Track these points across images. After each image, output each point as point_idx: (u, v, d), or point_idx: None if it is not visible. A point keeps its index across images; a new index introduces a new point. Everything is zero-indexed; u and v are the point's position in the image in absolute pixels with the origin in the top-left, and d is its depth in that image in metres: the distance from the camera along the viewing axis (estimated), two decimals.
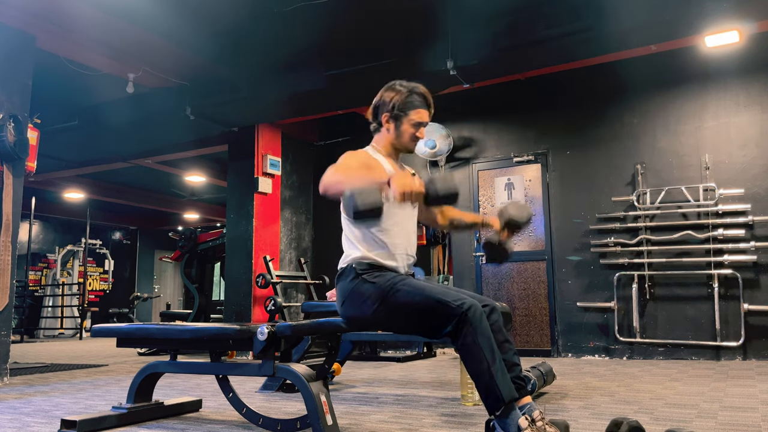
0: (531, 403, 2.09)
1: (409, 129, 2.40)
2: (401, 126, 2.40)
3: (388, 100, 2.40)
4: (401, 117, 2.39)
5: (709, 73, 5.50)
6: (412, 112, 2.38)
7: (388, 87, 2.45)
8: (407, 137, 2.41)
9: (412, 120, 2.39)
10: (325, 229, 7.44)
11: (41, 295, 12.92)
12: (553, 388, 3.76)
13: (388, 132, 2.44)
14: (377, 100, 2.46)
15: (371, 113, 2.49)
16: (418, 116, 2.39)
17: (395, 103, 2.38)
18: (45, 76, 5.76)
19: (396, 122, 2.40)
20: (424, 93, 2.42)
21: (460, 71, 5.01)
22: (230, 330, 2.61)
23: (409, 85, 2.41)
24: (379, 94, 2.46)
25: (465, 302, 2.08)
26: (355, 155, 2.38)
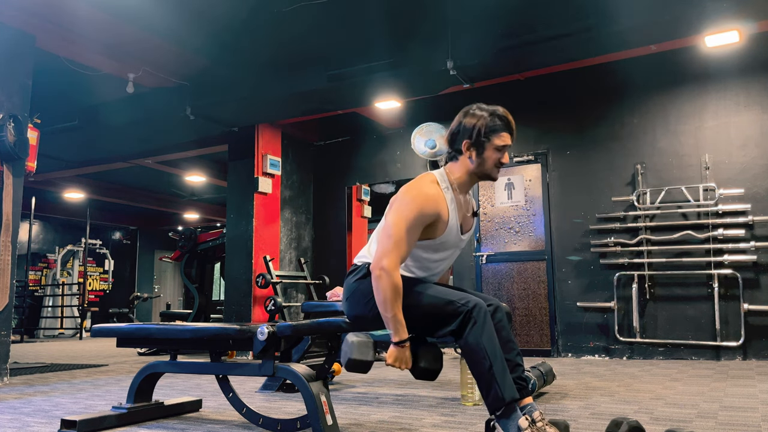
0: (532, 404, 2.09)
1: (493, 155, 2.27)
2: (484, 153, 2.27)
3: (469, 126, 2.27)
4: (485, 143, 2.26)
5: (709, 73, 5.50)
6: (495, 136, 2.26)
7: (466, 112, 2.31)
8: (491, 164, 2.29)
9: (495, 145, 2.26)
10: (325, 229, 7.44)
11: (41, 295, 12.92)
12: (553, 388, 3.76)
13: (469, 160, 2.29)
14: (455, 126, 2.31)
15: (447, 140, 2.35)
16: (502, 141, 2.27)
17: (479, 129, 2.25)
18: (45, 76, 5.75)
19: (478, 149, 2.27)
20: (505, 115, 2.30)
21: (460, 71, 5.01)
22: (230, 330, 2.61)
23: (489, 109, 2.29)
24: (457, 120, 2.32)
25: (470, 301, 2.08)
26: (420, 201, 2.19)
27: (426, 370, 2.21)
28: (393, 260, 2.14)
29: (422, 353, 2.22)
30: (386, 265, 2.13)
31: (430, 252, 2.30)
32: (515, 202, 6.29)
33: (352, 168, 7.28)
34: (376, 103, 5.97)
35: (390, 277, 2.12)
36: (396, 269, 2.14)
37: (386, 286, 2.12)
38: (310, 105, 6.17)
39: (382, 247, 2.17)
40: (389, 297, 2.12)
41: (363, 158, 7.21)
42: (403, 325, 2.16)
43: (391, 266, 2.13)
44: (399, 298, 2.14)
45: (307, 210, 7.48)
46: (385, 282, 2.12)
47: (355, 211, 7.64)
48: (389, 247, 2.15)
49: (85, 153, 8.34)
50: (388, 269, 2.12)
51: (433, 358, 2.23)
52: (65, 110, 7.05)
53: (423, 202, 2.20)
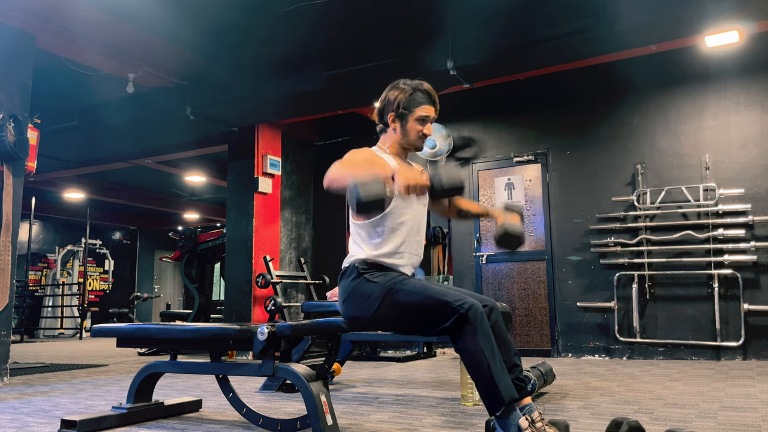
0: (531, 404, 2.09)
1: (416, 126, 2.39)
2: (407, 123, 2.39)
3: (392, 99, 2.40)
4: (406, 114, 2.38)
5: (709, 73, 5.50)
6: (417, 108, 2.38)
7: (392, 86, 2.45)
8: (414, 134, 2.40)
9: (417, 116, 2.38)
10: (325, 229, 7.44)
11: (41, 295, 12.92)
12: (553, 388, 3.76)
13: (394, 132, 2.43)
14: (382, 99, 2.46)
15: (377, 114, 2.48)
16: (424, 112, 2.38)
17: (400, 101, 2.38)
18: (45, 76, 5.76)
19: (402, 120, 2.40)
20: (429, 89, 2.41)
21: (460, 71, 5.01)
22: (230, 330, 2.61)
23: (413, 83, 2.41)
24: (384, 94, 2.46)
25: (466, 302, 2.08)
26: (360, 152, 2.37)
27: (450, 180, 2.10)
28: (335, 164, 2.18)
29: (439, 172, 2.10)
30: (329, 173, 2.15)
31: (386, 219, 2.32)
32: (515, 202, 6.30)
33: None
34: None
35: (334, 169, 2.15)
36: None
37: (335, 172, 2.14)
38: (310, 105, 6.17)
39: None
40: (347, 171, 2.12)
41: None
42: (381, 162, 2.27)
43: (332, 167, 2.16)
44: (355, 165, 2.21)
45: (307, 210, 7.48)
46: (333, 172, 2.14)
47: None
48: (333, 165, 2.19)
49: (85, 153, 8.34)
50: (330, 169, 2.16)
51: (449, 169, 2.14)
52: (65, 110, 7.06)
53: (356, 150, 2.36)
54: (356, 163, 2.27)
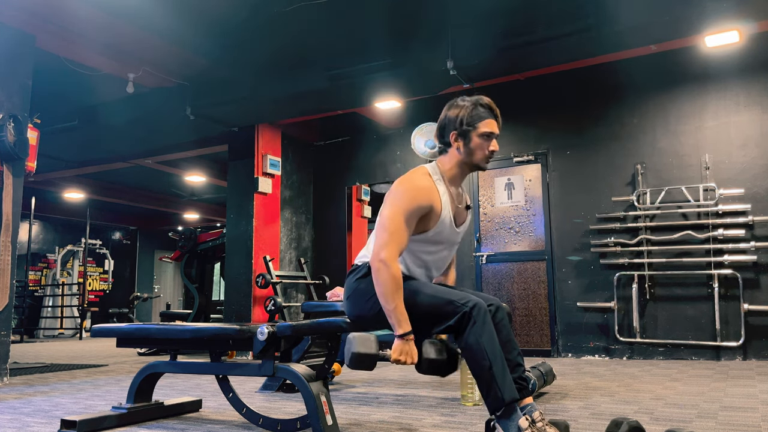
0: (532, 404, 2.09)
1: (480, 143, 2.28)
2: (471, 141, 2.29)
3: (453, 117, 2.30)
4: (470, 132, 2.27)
5: (709, 73, 5.50)
6: (480, 124, 2.27)
7: (451, 105, 2.34)
8: (480, 152, 2.30)
9: (481, 132, 2.27)
10: (325, 229, 7.44)
11: (41, 295, 12.92)
12: (553, 388, 3.76)
13: (458, 151, 2.31)
14: (442, 119, 2.35)
15: (436, 135, 2.38)
16: (488, 127, 2.28)
17: (462, 118, 2.27)
18: (45, 76, 5.76)
19: (465, 138, 2.29)
20: (489, 103, 2.31)
21: (460, 71, 5.01)
22: (230, 330, 2.61)
23: (472, 99, 2.32)
24: (443, 113, 2.35)
25: (470, 301, 2.08)
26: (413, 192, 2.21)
27: (432, 362, 2.20)
28: (391, 252, 2.15)
29: (427, 346, 2.21)
30: (384, 257, 2.13)
31: (426, 245, 2.31)
32: (515, 202, 6.29)
33: (352, 168, 7.28)
34: (375, 103, 5.97)
35: (389, 269, 2.13)
36: (394, 261, 2.15)
37: (386, 277, 2.13)
38: (310, 105, 6.17)
39: (379, 240, 2.18)
40: (390, 288, 2.13)
41: (363, 158, 7.21)
42: (406, 318, 2.16)
43: (389, 258, 2.14)
44: (399, 289, 2.15)
45: (307, 210, 7.48)
46: (384, 274, 2.13)
47: (355, 211, 7.64)
48: (386, 239, 2.16)
49: (85, 153, 8.34)
50: (386, 261, 2.13)
51: (438, 350, 2.22)
52: (65, 110, 7.06)
53: (416, 193, 2.22)
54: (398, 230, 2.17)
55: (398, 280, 2.14)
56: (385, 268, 2.13)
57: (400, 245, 2.18)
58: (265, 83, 5.89)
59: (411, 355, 2.16)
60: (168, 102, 6.41)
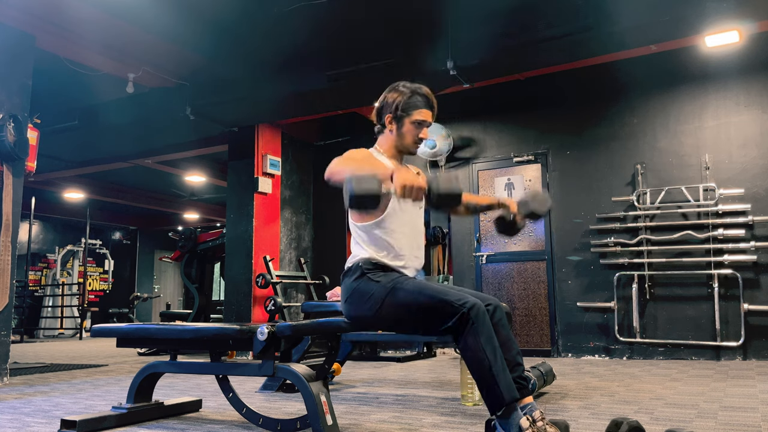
0: (532, 403, 2.09)
1: (412, 129, 2.40)
2: (403, 126, 2.40)
3: (391, 101, 2.41)
4: (404, 117, 2.39)
5: (709, 73, 5.50)
6: (414, 112, 2.38)
7: (391, 88, 2.46)
8: (410, 138, 2.42)
9: (414, 119, 2.39)
10: (325, 229, 7.44)
11: (41, 295, 12.92)
12: (553, 388, 3.76)
13: (391, 133, 2.44)
14: (381, 101, 2.46)
15: (375, 115, 2.49)
16: (421, 116, 2.39)
17: (398, 104, 2.39)
18: (45, 76, 5.75)
19: (399, 123, 2.41)
20: (427, 93, 2.42)
21: (460, 71, 5.01)
22: (230, 330, 2.61)
23: (412, 86, 2.42)
24: (383, 96, 2.47)
25: (468, 301, 2.08)
26: (358, 151, 2.39)
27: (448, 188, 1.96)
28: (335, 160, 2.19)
29: (437, 179, 1.97)
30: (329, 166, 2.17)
31: (384, 222, 2.33)
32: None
33: None
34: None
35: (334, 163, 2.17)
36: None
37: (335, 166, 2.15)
38: (310, 105, 6.17)
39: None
40: (346, 166, 2.13)
41: None
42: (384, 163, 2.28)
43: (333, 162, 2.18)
44: (354, 161, 2.22)
45: (307, 210, 7.48)
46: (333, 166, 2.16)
47: None
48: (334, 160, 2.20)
49: (85, 153, 8.34)
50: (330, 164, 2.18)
51: (448, 180, 1.98)
52: (65, 110, 7.05)
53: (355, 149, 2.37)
54: (355, 160, 2.28)
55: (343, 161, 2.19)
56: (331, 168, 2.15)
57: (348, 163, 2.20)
58: (265, 83, 5.89)
59: (415, 180, 1.94)
60: (168, 102, 6.41)
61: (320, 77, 5.57)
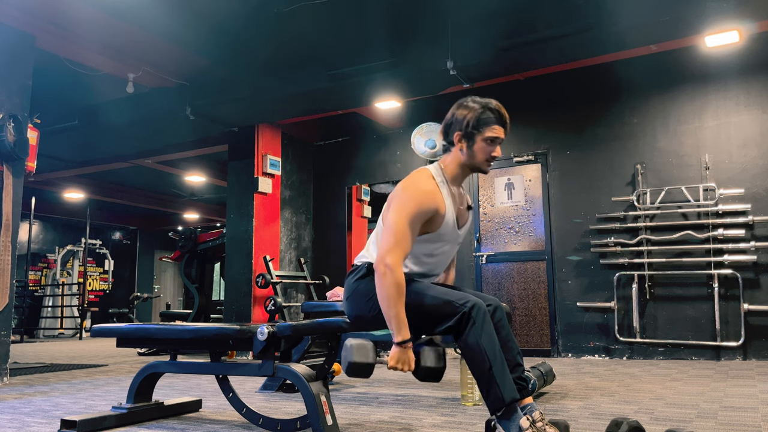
0: (532, 404, 2.09)
1: (484, 146, 2.28)
2: (474, 144, 2.28)
3: (460, 118, 2.29)
4: (475, 135, 2.27)
5: (709, 73, 5.50)
6: (486, 129, 2.26)
7: (459, 104, 2.33)
8: (482, 156, 2.30)
9: (486, 137, 2.27)
10: (325, 229, 7.44)
11: (41, 295, 12.92)
12: (553, 388, 3.76)
13: (460, 152, 2.31)
14: (449, 118, 2.34)
15: (441, 132, 2.38)
16: (493, 132, 2.27)
17: (469, 121, 2.27)
18: (45, 76, 5.76)
19: (469, 141, 2.29)
20: (498, 108, 2.30)
21: (460, 71, 5.01)
22: (230, 330, 2.61)
23: (482, 101, 2.30)
24: (451, 112, 2.34)
25: (469, 301, 2.08)
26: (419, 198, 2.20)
27: (429, 370, 2.19)
28: (396, 257, 2.14)
29: (424, 353, 2.20)
30: (390, 262, 2.12)
31: (427, 247, 2.30)
32: (515, 202, 6.29)
33: (351, 168, 7.28)
34: (376, 103, 5.97)
35: (393, 275, 2.12)
36: (399, 266, 2.14)
37: (390, 283, 2.12)
38: (310, 105, 6.17)
39: (385, 244, 2.17)
40: (392, 294, 2.12)
41: (363, 158, 7.21)
42: (406, 325, 2.15)
43: (394, 263, 2.13)
44: (402, 296, 2.14)
45: (307, 210, 7.48)
46: (389, 279, 2.12)
47: (355, 211, 7.64)
48: (392, 243, 2.15)
49: (85, 153, 8.34)
50: (391, 266, 2.12)
51: (436, 357, 2.21)
52: (65, 110, 7.05)
53: (422, 198, 2.21)
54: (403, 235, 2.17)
55: (401, 287, 2.13)
56: (390, 273, 2.12)
57: (405, 250, 2.17)
58: (265, 83, 5.89)
59: (408, 363, 2.14)
60: (168, 102, 6.41)
61: (320, 77, 5.57)
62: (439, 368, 2.21)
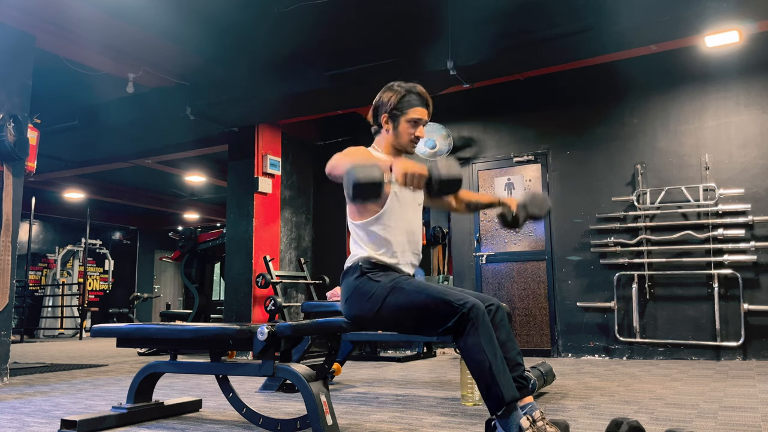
0: (532, 403, 2.09)
1: (408, 127, 2.41)
2: (399, 125, 2.41)
3: (386, 101, 2.42)
4: (399, 116, 2.40)
5: (709, 73, 5.50)
6: (409, 110, 2.40)
7: (386, 88, 2.47)
8: (406, 136, 2.42)
9: (409, 118, 2.40)
10: (325, 229, 7.44)
11: (41, 295, 12.92)
12: (553, 388, 3.76)
13: (387, 132, 2.45)
14: (376, 101, 2.47)
15: (371, 115, 2.50)
16: (416, 114, 2.40)
17: (393, 103, 2.40)
18: (45, 76, 5.75)
19: (394, 122, 2.42)
20: (421, 92, 2.43)
21: (460, 71, 5.01)
22: (230, 330, 2.61)
23: (406, 85, 2.43)
24: (378, 96, 2.47)
25: (468, 301, 2.08)
26: (357, 149, 2.39)
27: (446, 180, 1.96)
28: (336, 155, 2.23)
29: (438, 163, 1.98)
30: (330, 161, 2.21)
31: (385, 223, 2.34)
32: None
33: None
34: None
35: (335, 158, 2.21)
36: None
37: (336, 160, 2.20)
38: (310, 105, 6.17)
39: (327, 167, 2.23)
40: (347, 159, 2.18)
41: None
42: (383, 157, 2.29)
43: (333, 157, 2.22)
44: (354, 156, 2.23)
45: (307, 210, 7.48)
46: (334, 160, 2.20)
47: None
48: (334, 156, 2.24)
49: (85, 153, 8.34)
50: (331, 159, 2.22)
51: (451, 164, 1.99)
52: (65, 110, 7.06)
53: (353, 147, 2.36)
54: (355, 155, 2.28)
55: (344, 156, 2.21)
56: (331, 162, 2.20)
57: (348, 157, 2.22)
58: (265, 83, 5.89)
59: (414, 165, 1.99)
60: (168, 102, 6.41)
61: (320, 77, 5.57)
62: (457, 177, 1.98)
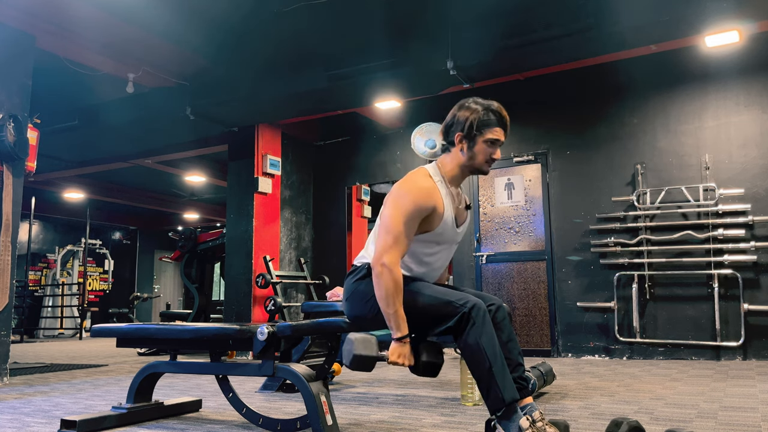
0: (532, 404, 2.09)
1: (484, 148, 2.27)
2: (475, 146, 2.28)
3: (462, 119, 2.28)
4: (476, 136, 2.26)
5: (709, 73, 5.50)
6: (487, 130, 2.26)
7: (461, 105, 2.32)
8: (482, 157, 2.29)
9: (487, 138, 2.26)
10: (325, 229, 7.44)
11: (41, 295, 12.92)
12: (553, 388, 3.76)
13: (461, 153, 2.30)
14: (450, 118, 2.33)
15: (442, 132, 2.37)
16: (494, 135, 2.27)
17: (471, 122, 2.25)
18: (45, 76, 5.75)
19: (470, 142, 2.28)
20: (500, 110, 2.30)
21: (460, 71, 5.01)
22: (230, 330, 2.61)
23: (484, 103, 2.30)
24: (452, 113, 2.33)
25: (468, 301, 2.09)
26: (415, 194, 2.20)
27: (428, 365, 2.21)
28: (393, 255, 2.15)
29: (423, 349, 2.23)
30: (387, 261, 2.13)
31: (427, 246, 2.30)
32: (515, 202, 6.29)
33: (351, 168, 7.28)
34: (375, 103, 5.97)
35: (391, 273, 2.13)
36: (396, 264, 2.15)
37: (387, 281, 2.13)
38: (310, 105, 6.17)
39: (381, 243, 2.17)
40: (391, 292, 2.13)
41: (363, 158, 7.21)
42: (405, 321, 2.17)
43: (391, 262, 2.14)
44: (400, 293, 2.15)
45: (307, 210, 7.48)
46: (386, 277, 2.13)
47: (355, 211, 7.64)
48: (389, 242, 2.16)
49: (85, 153, 8.34)
50: (388, 265, 2.13)
51: (435, 352, 2.23)
52: (65, 110, 7.05)
53: (418, 195, 2.21)
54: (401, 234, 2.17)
55: (399, 285, 2.14)
56: (388, 272, 2.13)
57: (402, 248, 2.18)
58: (265, 83, 5.89)
59: (407, 357, 2.18)
60: (168, 102, 6.41)
61: (320, 77, 5.57)
62: (438, 363, 2.22)
